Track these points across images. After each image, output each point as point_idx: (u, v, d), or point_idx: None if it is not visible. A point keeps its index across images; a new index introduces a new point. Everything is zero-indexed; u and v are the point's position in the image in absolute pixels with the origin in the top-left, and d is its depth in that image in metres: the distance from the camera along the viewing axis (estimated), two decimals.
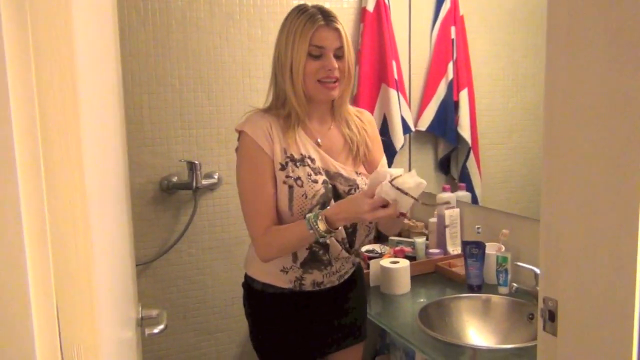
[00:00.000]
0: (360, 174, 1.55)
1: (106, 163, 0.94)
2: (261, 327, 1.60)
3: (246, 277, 1.62)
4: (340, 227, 1.47)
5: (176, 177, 2.27)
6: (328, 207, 1.44)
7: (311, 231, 1.39)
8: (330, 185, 1.48)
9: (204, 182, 2.28)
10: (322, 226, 1.38)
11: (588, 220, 0.83)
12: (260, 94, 2.33)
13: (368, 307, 1.84)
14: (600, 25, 0.78)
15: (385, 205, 1.36)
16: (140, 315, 1.37)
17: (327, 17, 1.44)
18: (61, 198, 0.57)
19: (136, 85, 2.17)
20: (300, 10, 1.46)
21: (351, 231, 1.54)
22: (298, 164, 1.46)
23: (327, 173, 1.50)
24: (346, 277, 1.61)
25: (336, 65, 1.44)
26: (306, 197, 1.44)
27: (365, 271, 2.03)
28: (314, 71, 1.44)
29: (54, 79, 0.55)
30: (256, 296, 1.58)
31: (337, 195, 1.50)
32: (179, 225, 2.31)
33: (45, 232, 0.51)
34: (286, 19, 1.48)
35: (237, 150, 1.52)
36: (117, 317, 0.97)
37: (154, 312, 1.39)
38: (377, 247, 2.39)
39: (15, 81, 0.48)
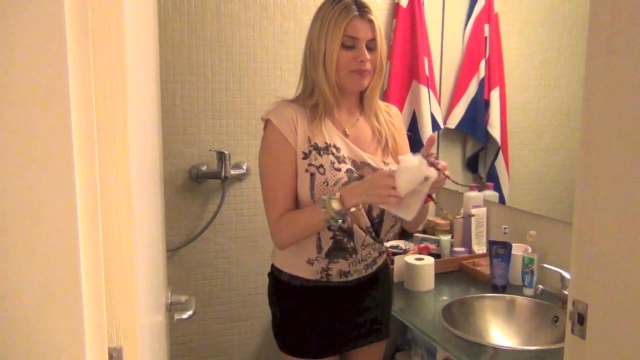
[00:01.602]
0: (388, 164, 1.55)
1: (145, 151, 0.97)
2: (284, 318, 1.62)
3: (273, 267, 1.63)
4: (355, 210, 1.42)
5: (205, 166, 2.30)
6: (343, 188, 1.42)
7: (323, 210, 1.38)
8: (355, 175, 1.48)
9: (233, 172, 2.31)
10: (335, 205, 1.37)
11: (622, 223, 0.83)
12: (291, 86, 2.35)
13: (392, 302, 1.85)
14: None
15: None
16: (169, 301, 1.41)
17: (361, 8, 1.44)
18: (109, 185, 0.59)
19: (170, 74, 2.20)
20: (334, 1, 1.46)
21: (377, 221, 1.54)
22: (322, 152, 1.47)
23: (354, 162, 1.50)
24: (374, 267, 1.61)
25: (368, 57, 1.45)
26: (327, 184, 1.44)
27: (389, 267, 2.04)
28: (346, 62, 1.44)
29: (107, 71, 0.57)
30: (282, 287, 1.60)
31: None
32: (206, 213, 2.34)
33: (97, 218, 0.53)
34: (320, 8, 1.49)
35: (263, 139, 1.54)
36: (151, 301, 0.99)
37: (183, 298, 1.42)
38: (401, 244, 2.40)
39: (75, 69, 0.50)
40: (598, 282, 0.88)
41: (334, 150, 1.48)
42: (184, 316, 1.32)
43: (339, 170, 1.46)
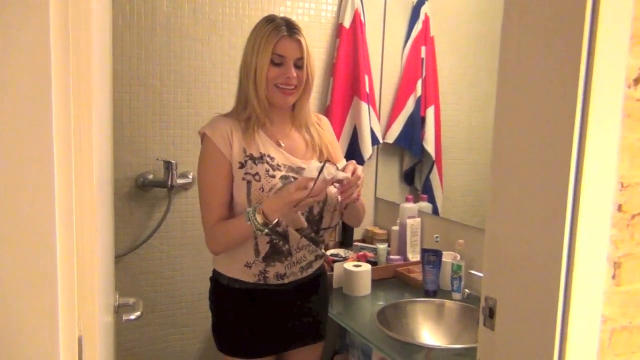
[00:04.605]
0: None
1: (102, 158, 1.04)
2: (223, 319, 1.70)
3: (214, 271, 1.72)
4: (278, 220, 1.54)
5: (152, 175, 2.35)
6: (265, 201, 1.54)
7: (249, 222, 1.50)
8: (292, 179, 1.59)
9: (179, 181, 2.36)
10: (259, 219, 1.48)
11: (524, 229, 0.97)
12: None
13: (330, 307, 1.95)
14: (541, 67, 0.92)
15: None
16: (117, 303, 1.46)
17: (291, 29, 1.57)
18: (81, 190, 0.67)
19: (118, 84, 2.25)
20: (268, 20, 1.59)
21: (317, 218, 1.66)
22: (257, 161, 1.58)
23: (291, 169, 1.61)
24: (309, 270, 1.71)
25: (294, 74, 1.57)
26: (263, 190, 1.56)
27: (329, 273, 2.15)
28: (273, 77, 1.57)
29: (80, 87, 0.65)
30: (222, 290, 1.68)
31: None
32: (152, 221, 2.38)
33: (71, 219, 0.61)
34: (254, 27, 1.62)
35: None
36: (103, 300, 1.06)
37: (131, 301, 1.48)
38: (341, 252, 2.51)
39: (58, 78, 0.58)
40: (506, 280, 1.01)
41: (268, 160, 1.59)
42: (132, 317, 1.38)
43: (273, 177, 1.57)
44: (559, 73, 0.89)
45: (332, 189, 1.62)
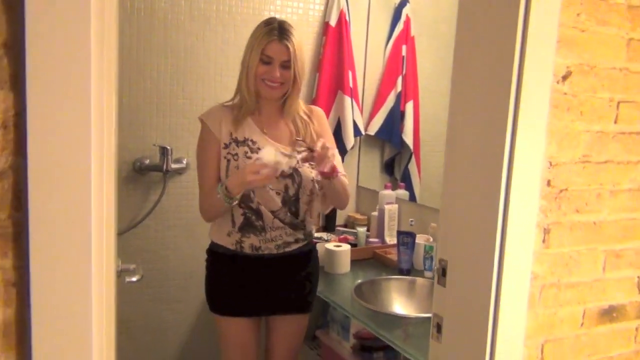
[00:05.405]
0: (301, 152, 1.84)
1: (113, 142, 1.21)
2: (213, 280, 1.94)
3: (210, 241, 1.94)
4: (244, 194, 1.77)
5: (148, 160, 2.52)
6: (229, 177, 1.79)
7: (219, 196, 1.74)
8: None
9: (174, 166, 2.54)
10: (225, 192, 1.73)
11: (469, 202, 1.16)
12: (230, 91, 2.56)
13: None
14: (483, 66, 1.11)
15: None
16: (119, 268, 1.63)
17: (282, 33, 1.77)
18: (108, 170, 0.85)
19: (119, 74, 2.41)
20: (266, 23, 1.81)
21: (294, 199, 1.84)
22: (239, 144, 1.82)
23: None
24: (286, 249, 1.88)
25: (278, 75, 1.78)
26: (238, 168, 1.79)
27: None
28: (261, 73, 1.79)
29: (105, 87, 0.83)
30: (212, 253, 1.94)
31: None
32: (148, 203, 2.55)
33: (102, 188, 0.79)
34: (255, 28, 1.83)
35: None
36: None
37: (131, 266, 1.65)
38: (324, 235, 2.70)
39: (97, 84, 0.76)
40: (454, 244, 1.20)
41: (250, 144, 1.81)
42: (134, 279, 1.55)
43: (249, 158, 1.79)
44: (496, 71, 1.08)
45: (308, 171, 1.80)
